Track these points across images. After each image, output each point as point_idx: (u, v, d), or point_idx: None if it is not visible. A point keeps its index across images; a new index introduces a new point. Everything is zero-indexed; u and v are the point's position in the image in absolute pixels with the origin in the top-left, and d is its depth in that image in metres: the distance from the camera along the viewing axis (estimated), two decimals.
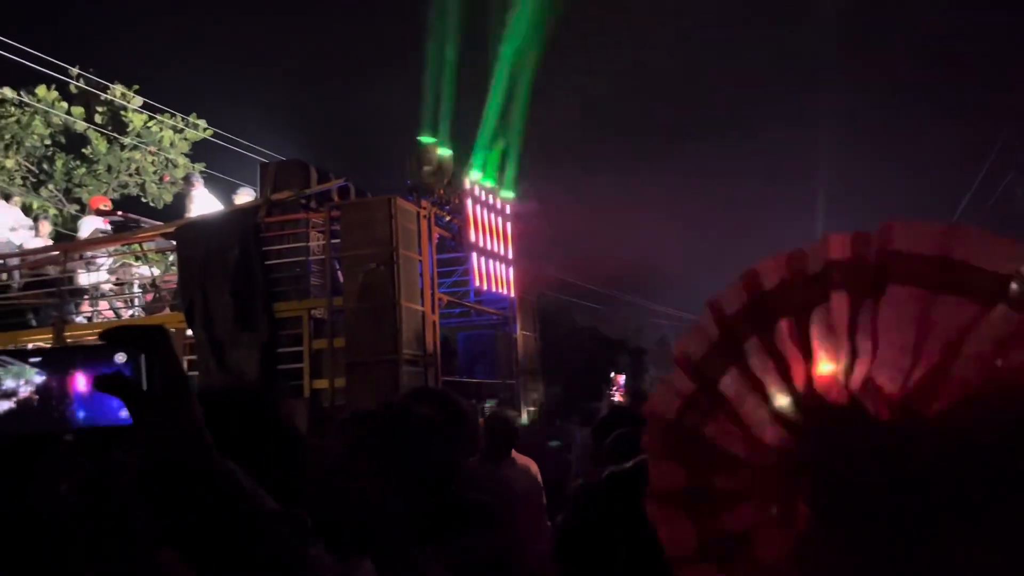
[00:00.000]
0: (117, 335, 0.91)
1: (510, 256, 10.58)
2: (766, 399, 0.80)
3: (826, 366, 0.78)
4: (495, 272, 10.14)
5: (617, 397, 18.20)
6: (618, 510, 1.91)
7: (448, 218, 9.80)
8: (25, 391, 0.89)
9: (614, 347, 24.29)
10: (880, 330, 0.75)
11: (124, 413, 0.89)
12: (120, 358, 0.90)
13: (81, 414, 0.90)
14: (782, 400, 0.79)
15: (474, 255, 9.79)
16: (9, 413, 0.88)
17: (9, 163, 19.68)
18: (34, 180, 20.28)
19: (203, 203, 10.70)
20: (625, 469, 2.09)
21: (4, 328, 9.61)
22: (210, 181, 19.38)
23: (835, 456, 0.76)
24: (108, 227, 11.07)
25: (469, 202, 9.80)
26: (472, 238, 9.74)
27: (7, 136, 19.60)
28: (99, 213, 11.24)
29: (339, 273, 8.92)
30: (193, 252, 9.16)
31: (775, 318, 0.80)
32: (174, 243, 9.49)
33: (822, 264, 0.79)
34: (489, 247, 10.10)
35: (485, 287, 9.90)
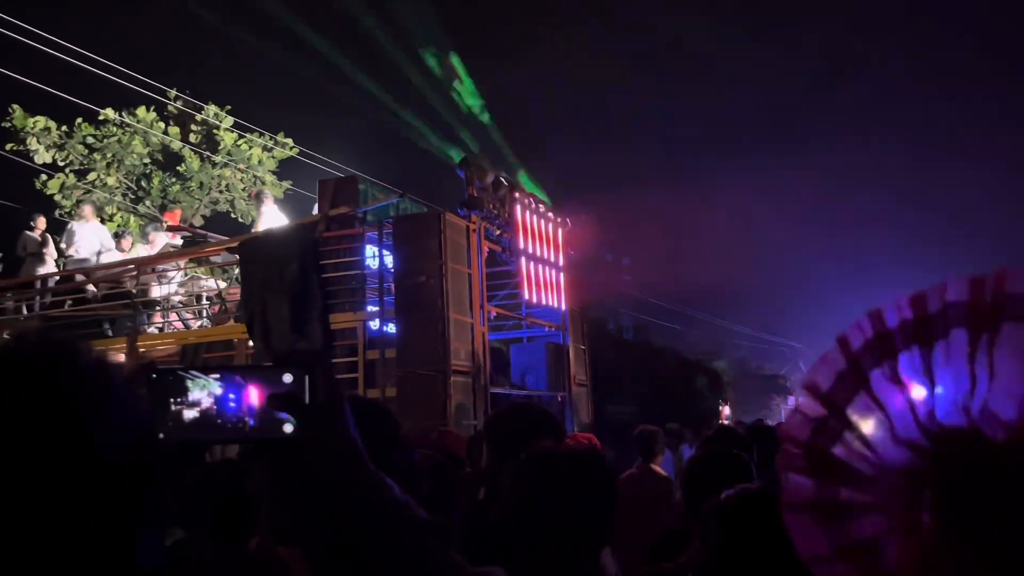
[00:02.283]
0: (286, 357, 1.01)
1: (560, 267, 10.63)
2: (891, 423, 0.91)
3: (948, 394, 0.89)
4: (544, 278, 10.21)
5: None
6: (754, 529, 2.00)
7: (499, 232, 9.93)
8: (207, 403, 0.98)
9: (692, 367, 23.91)
10: (996, 362, 0.86)
11: (288, 428, 0.98)
12: (287, 378, 0.98)
13: (251, 428, 0.98)
14: (906, 424, 0.90)
15: (523, 266, 9.89)
16: (193, 421, 0.98)
17: (111, 180, 20.85)
18: (133, 197, 21.41)
19: (271, 219, 11.13)
20: (753, 488, 2.17)
21: (83, 338, 10.16)
22: (294, 199, 20.14)
23: (957, 474, 0.87)
24: (178, 241, 11.67)
25: (519, 215, 9.91)
26: (521, 244, 9.85)
27: (108, 155, 20.77)
28: (170, 229, 11.85)
29: (391, 286, 9.17)
30: (255, 266, 9.57)
31: (899, 351, 0.92)
32: (238, 257, 9.92)
33: (942, 304, 0.91)
34: (539, 257, 10.18)
35: (535, 299, 9.98)
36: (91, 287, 11.00)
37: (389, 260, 9.29)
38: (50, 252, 11.94)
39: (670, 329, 31.61)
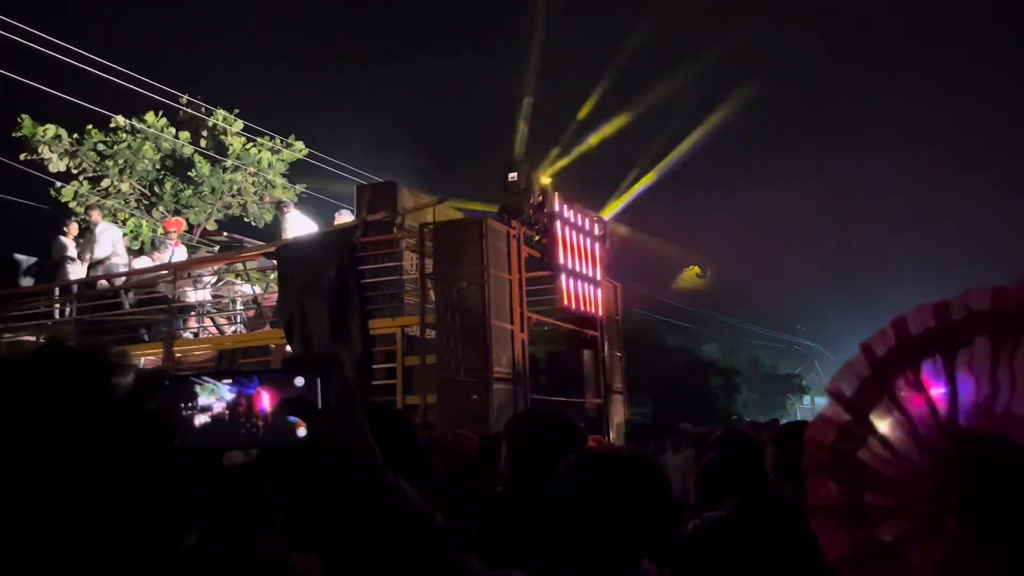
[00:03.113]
0: (297, 362, 1.02)
1: (598, 276, 10.64)
2: (914, 428, 0.94)
3: (970, 399, 0.91)
4: (583, 291, 10.22)
5: None
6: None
7: (537, 238, 9.93)
8: (218, 408, 0.98)
9: (705, 368, 23.94)
10: (1019, 368, 0.89)
11: (301, 432, 0.97)
12: (299, 382, 0.98)
13: (264, 433, 0.98)
14: (929, 428, 0.93)
15: (562, 275, 9.90)
16: (205, 427, 0.98)
17: (124, 187, 20.77)
18: (146, 203, 21.34)
19: (298, 225, 11.11)
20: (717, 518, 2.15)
21: (119, 343, 10.19)
22: (307, 201, 20.10)
23: (979, 477, 0.89)
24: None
25: (557, 222, 9.92)
26: (560, 258, 9.86)
27: (120, 161, 20.70)
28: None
29: (431, 292, 9.16)
30: (292, 271, 9.55)
31: (922, 358, 0.95)
32: (275, 262, 9.90)
33: (964, 312, 0.94)
34: (577, 267, 10.19)
35: (573, 306, 9.98)
36: (125, 292, 10.99)
37: (428, 265, 9.28)
38: (85, 257, 11.91)
39: (683, 328, 31.64)
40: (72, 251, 11.79)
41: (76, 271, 11.68)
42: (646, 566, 1.85)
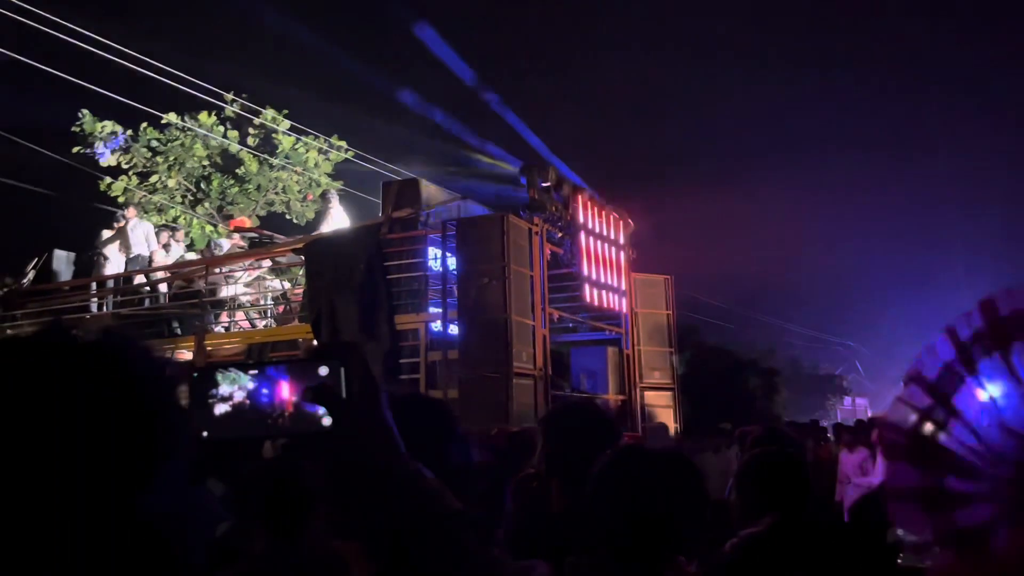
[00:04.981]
0: (320, 351, 1.05)
1: (623, 286, 10.64)
2: (999, 412, 0.92)
3: None
4: (607, 286, 10.22)
5: None
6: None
7: (560, 235, 9.96)
8: (245, 400, 0.99)
9: (745, 367, 23.63)
10: None
11: (325, 421, 0.98)
12: (323, 371, 0.99)
13: (289, 422, 0.99)
14: (1017, 414, 0.91)
15: (585, 271, 9.91)
16: (234, 418, 0.99)
17: (171, 183, 21.34)
18: (192, 199, 21.89)
19: (337, 218, 11.29)
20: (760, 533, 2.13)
21: (152, 336, 10.49)
22: (350, 200, 20.35)
23: None
24: (242, 244, 11.93)
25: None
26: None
27: (171, 158, 21.27)
28: (237, 230, 12.10)
29: (454, 287, 9.24)
30: (320, 267, 9.71)
31: (1013, 340, 0.94)
32: (303, 258, 10.09)
33: None
34: (601, 278, 10.21)
35: (596, 302, 9.99)
36: (161, 287, 11.31)
37: (452, 262, 9.37)
38: (123, 250, 12.27)
39: (723, 328, 31.27)
40: (109, 247, 12.17)
41: (113, 266, 12.07)
42: (683, 564, 1.86)
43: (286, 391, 0.99)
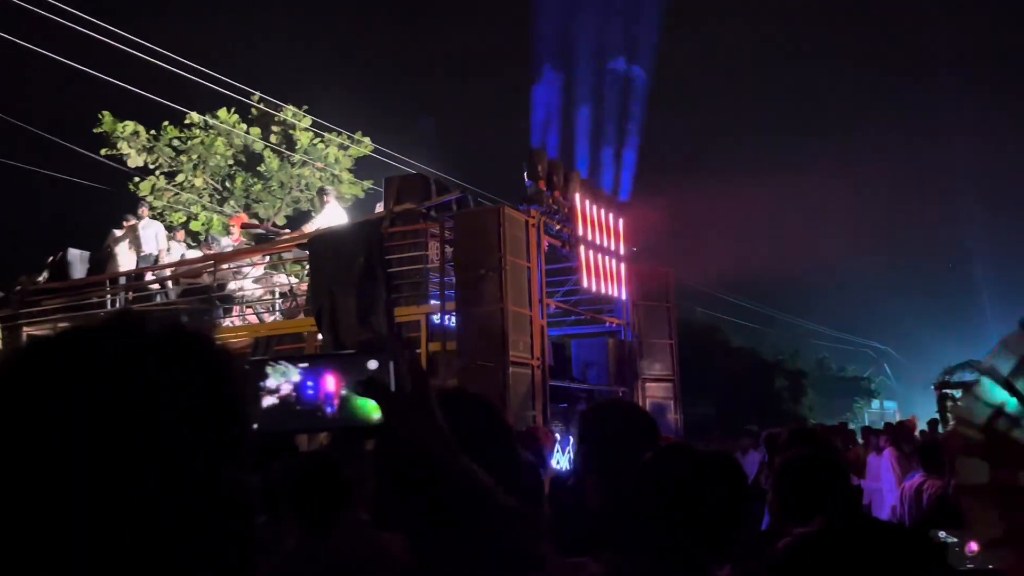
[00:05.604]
0: (370, 345, 1.14)
1: (621, 257, 10.65)
2: None
3: None
4: (604, 265, 10.27)
5: None
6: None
7: (558, 227, 10.04)
8: (295, 392, 1.00)
9: (770, 368, 23.36)
10: None
11: (375, 415, 0.99)
12: (372, 364, 1.00)
13: (338, 415, 1.00)
14: None
15: (582, 253, 9.97)
16: (284, 411, 0.99)
17: (198, 182, 21.63)
18: (218, 197, 22.17)
19: (332, 216, 11.43)
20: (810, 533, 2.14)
21: None
22: (376, 197, 20.47)
23: None
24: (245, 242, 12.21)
25: (578, 203, 10.00)
26: (580, 231, 9.94)
27: (194, 156, 21.56)
28: (244, 226, 12.34)
29: (453, 279, 9.38)
30: (323, 261, 9.91)
31: None
32: (308, 253, 10.29)
33: None
34: (599, 246, 10.24)
35: (595, 288, 10.04)
36: (170, 283, 11.61)
37: (450, 254, 9.51)
38: (133, 248, 12.57)
39: (749, 328, 31.00)
40: (119, 245, 12.49)
41: (124, 264, 12.37)
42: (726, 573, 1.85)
43: (333, 384, 1.00)
